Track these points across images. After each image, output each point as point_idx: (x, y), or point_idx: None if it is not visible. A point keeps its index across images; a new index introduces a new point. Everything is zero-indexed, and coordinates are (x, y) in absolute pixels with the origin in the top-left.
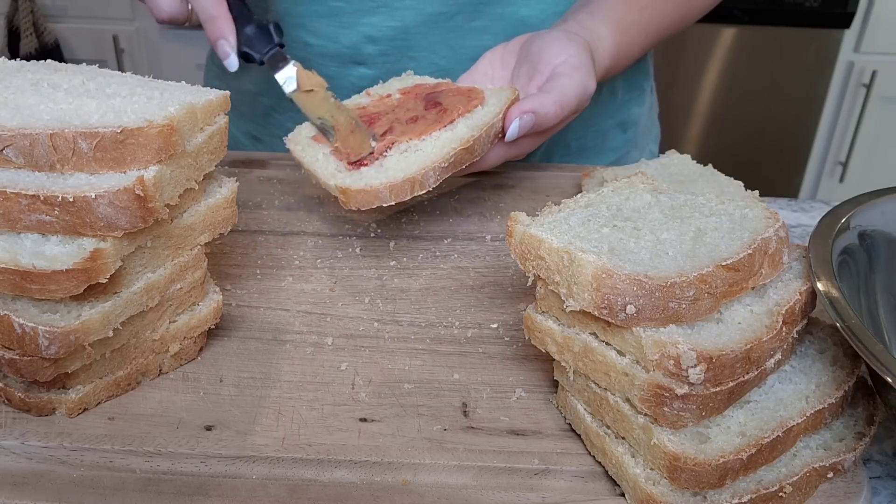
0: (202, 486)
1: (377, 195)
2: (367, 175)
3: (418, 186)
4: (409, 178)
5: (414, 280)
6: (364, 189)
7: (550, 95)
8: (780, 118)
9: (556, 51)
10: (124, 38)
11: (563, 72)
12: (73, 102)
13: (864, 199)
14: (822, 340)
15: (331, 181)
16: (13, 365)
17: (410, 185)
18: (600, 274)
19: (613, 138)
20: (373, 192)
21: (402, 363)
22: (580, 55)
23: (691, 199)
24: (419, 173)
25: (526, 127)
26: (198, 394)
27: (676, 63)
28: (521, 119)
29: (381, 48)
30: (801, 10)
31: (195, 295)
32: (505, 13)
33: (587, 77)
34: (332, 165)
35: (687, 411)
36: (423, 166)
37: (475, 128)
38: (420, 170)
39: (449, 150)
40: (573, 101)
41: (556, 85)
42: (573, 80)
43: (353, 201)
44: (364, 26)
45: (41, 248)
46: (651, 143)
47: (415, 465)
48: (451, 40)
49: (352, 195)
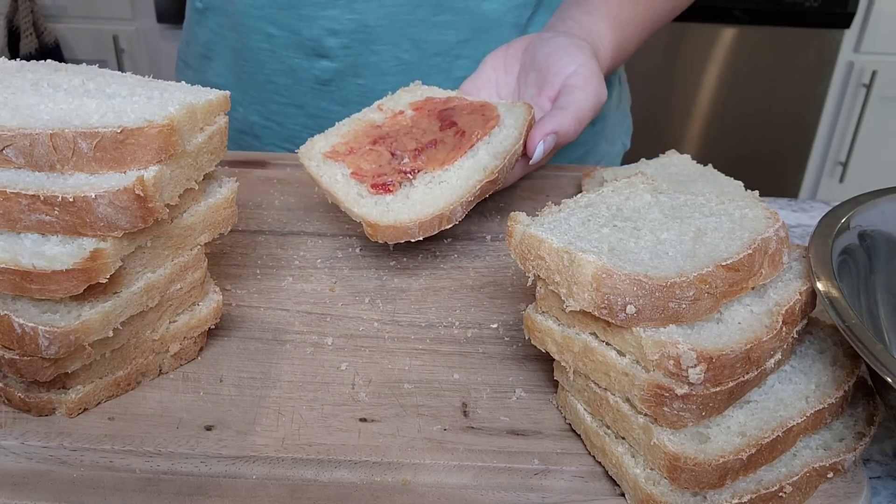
0: (202, 486)
1: (406, 231)
2: (394, 209)
3: (446, 221)
4: (437, 214)
5: (414, 280)
6: (394, 225)
7: (568, 113)
8: (780, 118)
9: (566, 60)
10: (124, 38)
11: (576, 84)
12: (73, 102)
13: (864, 199)
14: (822, 340)
15: (354, 208)
16: (13, 365)
17: (439, 220)
18: (600, 274)
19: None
20: (402, 229)
21: (402, 363)
22: (590, 64)
23: (691, 199)
24: (447, 209)
25: (549, 148)
26: (198, 394)
27: (676, 63)
28: (544, 142)
29: (342, 41)
30: (801, 10)
31: (195, 295)
32: (468, 7)
33: (599, 87)
34: (354, 189)
35: (687, 411)
36: (450, 201)
37: (498, 156)
38: (448, 205)
39: (475, 183)
40: (589, 114)
41: (573, 100)
42: (587, 93)
43: (381, 235)
44: (324, 19)
45: (41, 248)
46: (623, 135)
47: (415, 465)
48: (413, 34)
49: (381, 230)
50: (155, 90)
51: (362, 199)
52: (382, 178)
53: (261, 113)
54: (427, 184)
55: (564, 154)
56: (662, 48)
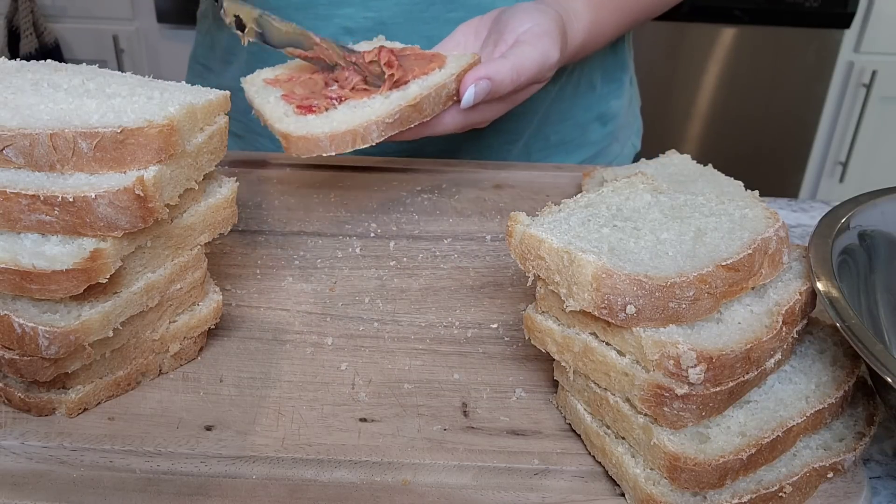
0: (202, 486)
1: (318, 144)
2: (311, 123)
3: (360, 140)
4: (351, 129)
5: (414, 280)
6: (305, 136)
7: (507, 61)
8: (780, 118)
9: (524, 18)
10: (124, 38)
11: (525, 39)
12: (73, 102)
13: (864, 199)
14: (822, 340)
15: (276, 125)
16: (13, 365)
17: (352, 137)
18: (600, 274)
19: (593, 132)
20: (314, 141)
21: (402, 363)
22: (546, 24)
23: (691, 199)
24: (362, 126)
25: (482, 94)
26: (198, 394)
27: (676, 63)
28: (476, 85)
29: (358, 40)
30: (801, 10)
31: (195, 295)
32: (480, 3)
33: (550, 46)
34: (281, 109)
35: (687, 411)
36: (366, 119)
37: (425, 87)
38: (363, 123)
39: (395, 107)
40: (531, 68)
41: (515, 51)
42: (534, 47)
43: (294, 147)
44: (339, 17)
45: (41, 248)
46: (633, 136)
47: (415, 465)
48: (427, 31)
49: (293, 141)
50: (155, 90)
51: (287, 118)
52: (309, 101)
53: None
54: (351, 108)
55: (575, 155)
56: (662, 48)
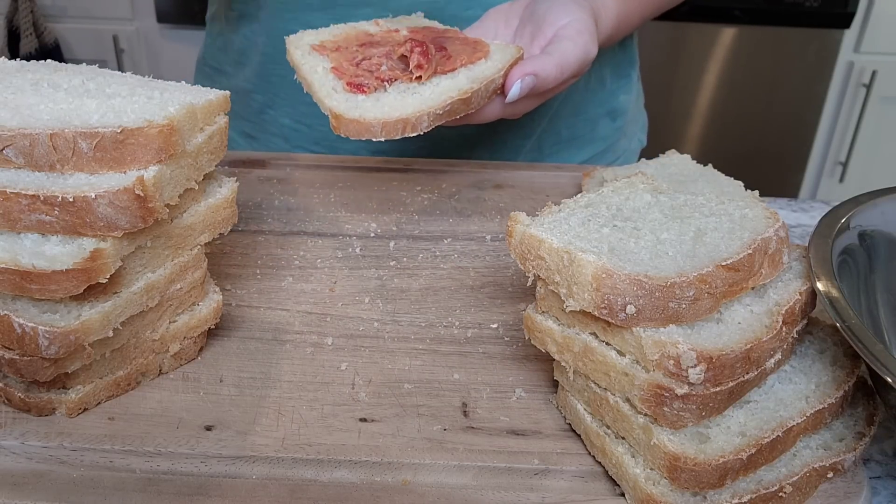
0: (202, 486)
1: (369, 128)
2: (362, 106)
3: (410, 128)
4: (402, 118)
5: (414, 280)
6: (357, 120)
7: (552, 58)
8: (780, 118)
9: (561, 12)
10: (124, 38)
11: (566, 35)
12: (73, 102)
13: (864, 199)
14: (822, 340)
15: (325, 100)
16: (13, 365)
17: (403, 125)
18: (600, 274)
19: (603, 127)
20: (365, 125)
21: (402, 363)
22: (585, 19)
23: (691, 199)
24: (413, 115)
25: (527, 89)
26: (198, 394)
27: (676, 63)
28: (522, 81)
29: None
30: (801, 10)
31: (195, 295)
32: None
33: (590, 42)
34: (330, 83)
35: (687, 411)
36: (418, 109)
37: (475, 80)
38: (415, 112)
39: (446, 98)
40: (574, 64)
41: (559, 48)
42: (576, 43)
43: (343, 128)
44: (359, 18)
45: (41, 248)
46: (639, 131)
47: (415, 465)
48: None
49: (344, 122)
50: (155, 90)
51: (336, 94)
52: (359, 79)
53: (291, 115)
54: (401, 92)
55: (585, 150)
56: (663, 48)
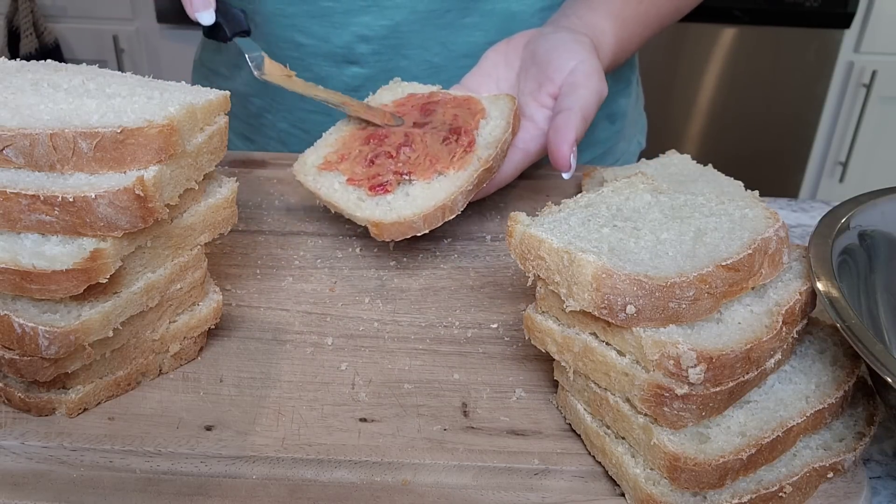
0: (202, 486)
1: (411, 226)
2: (396, 206)
3: (448, 212)
4: (440, 206)
5: (414, 280)
6: (398, 221)
7: (576, 114)
8: (780, 118)
9: (566, 56)
10: (124, 38)
11: (577, 81)
12: (73, 102)
13: (864, 199)
14: (822, 340)
15: (357, 213)
16: (13, 365)
17: (441, 212)
18: (600, 274)
19: (602, 130)
20: (407, 224)
21: (402, 363)
22: (590, 60)
23: (691, 199)
24: (449, 199)
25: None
26: (198, 394)
27: (676, 63)
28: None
29: (373, 47)
30: (801, 10)
31: (195, 295)
32: (496, 9)
33: (600, 83)
34: (353, 195)
35: (687, 411)
36: (450, 192)
37: (490, 145)
38: (448, 196)
39: (472, 173)
40: (594, 111)
41: (578, 99)
42: (589, 90)
43: (386, 234)
44: (356, 26)
45: (41, 248)
46: (638, 133)
47: (415, 465)
48: (443, 37)
49: (385, 228)
50: (155, 90)
51: (363, 203)
52: (378, 179)
53: (289, 120)
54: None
55: (584, 154)
56: (663, 48)
